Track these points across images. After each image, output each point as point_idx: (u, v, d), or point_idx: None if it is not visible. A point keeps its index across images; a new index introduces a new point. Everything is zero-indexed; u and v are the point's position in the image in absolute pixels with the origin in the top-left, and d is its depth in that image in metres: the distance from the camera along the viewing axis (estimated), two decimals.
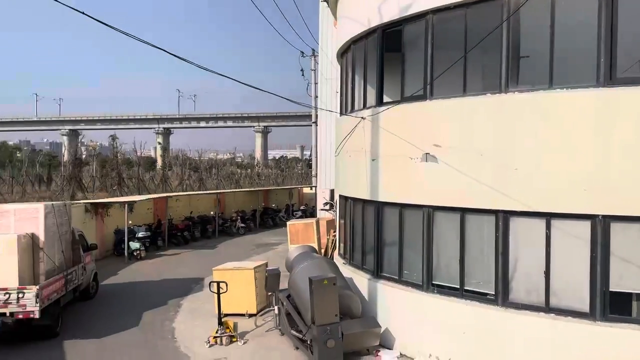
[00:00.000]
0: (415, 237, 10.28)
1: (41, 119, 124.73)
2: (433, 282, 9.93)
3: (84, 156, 44.06)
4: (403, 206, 10.51)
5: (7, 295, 10.65)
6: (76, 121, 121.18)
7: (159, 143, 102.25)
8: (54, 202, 13.16)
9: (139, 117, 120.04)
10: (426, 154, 9.84)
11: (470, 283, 9.45)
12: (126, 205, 22.17)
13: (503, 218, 8.88)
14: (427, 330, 9.81)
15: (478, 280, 9.45)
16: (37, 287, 10.89)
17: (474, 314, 9.12)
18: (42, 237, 11.75)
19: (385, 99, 11.23)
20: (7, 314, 10.70)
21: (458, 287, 9.51)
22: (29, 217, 11.83)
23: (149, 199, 25.99)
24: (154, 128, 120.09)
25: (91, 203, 22.15)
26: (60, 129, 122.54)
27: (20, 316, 10.75)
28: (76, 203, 22.33)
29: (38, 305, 10.74)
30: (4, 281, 10.74)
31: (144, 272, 19.24)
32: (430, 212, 9.95)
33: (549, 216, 8.42)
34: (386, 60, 11.14)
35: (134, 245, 21.52)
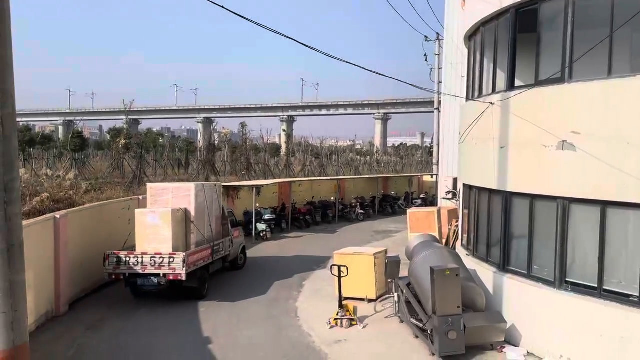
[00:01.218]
0: (547, 231, 9.65)
1: (180, 108, 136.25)
2: (567, 280, 9.27)
3: (216, 142, 47.23)
4: (534, 197, 9.90)
5: (162, 259, 12.53)
6: (210, 110, 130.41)
7: (284, 130, 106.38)
8: (204, 183, 15.32)
9: (265, 106, 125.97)
10: (563, 141, 9.16)
11: (610, 283, 8.68)
12: (254, 188, 23.42)
13: None
14: (558, 330, 9.20)
15: (619, 280, 8.64)
16: (185, 253, 12.60)
17: (614, 317, 8.37)
18: (193, 212, 13.66)
19: (517, 82, 10.61)
20: (161, 275, 12.56)
21: (596, 286, 8.78)
22: (183, 194, 13.76)
23: (274, 183, 27.19)
24: (279, 116, 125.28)
25: (223, 186, 23.76)
26: (196, 117, 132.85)
27: (171, 277, 12.55)
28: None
29: (184, 269, 12.44)
30: (159, 247, 12.71)
31: (271, 251, 20.29)
32: (565, 204, 9.26)
33: None
34: (518, 42, 10.51)
35: (261, 226, 22.76)
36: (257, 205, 23.58)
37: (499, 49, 11.08)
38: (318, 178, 37.44)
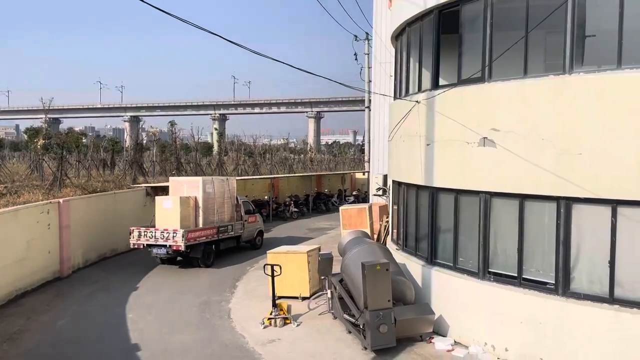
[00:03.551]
0: (471, 224, 10.06)
1: (105, 106, 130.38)
2: (489, 270, 9.71)
3: (144, 142, 45.60)
4: (459, 192, 10.30)
5: (168, 234, 16.37)
6: (137, 108, 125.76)
7: (215, 129, 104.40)
8: (213, 177, 20.09)
9: (196, 104, 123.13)
10: (484, 138, 9.57)
11: (529, 272, 9.18)
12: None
13: (565, 205, 8.54)
14: (482, 319, 9.62)
15: (537, 269, 9.16)
16: (184, 230, 16.23)
17: (533, 304, 8.86)
18: (200, 200, 17.45)
19: (441, 82, 10.97)
20: (168, 246, 16.33)
21: (516, 275, 9.26)
22: (194, 186, 17.67)
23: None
24: (211, 114, 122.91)
25: (151, 187, 22.98)
26: (122, 116, 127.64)
27: (174, 248, 16.26)
28: (137, 187, 23.28)
29: (184, 242, 16.16)
30: (170, 225, 16.48)
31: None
32: (487, 198, 9.69)
33: (615, 203, 8.02)
34: (442, 42, 10.87)
35: None
36: None
37: (424, 48, 11.41)
38: (251, 177, 37.09)
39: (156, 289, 14.80)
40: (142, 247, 16.83)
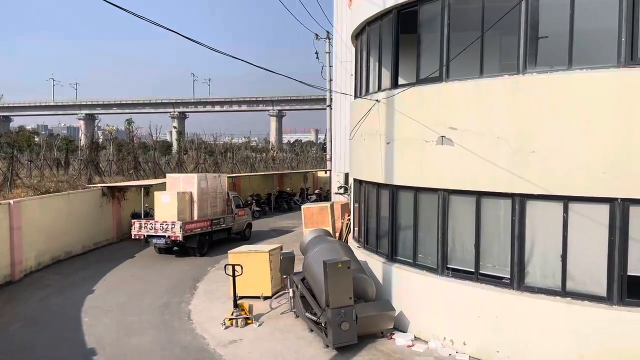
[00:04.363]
0: (430, 221, 10.23)
1: (58, 104, 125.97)
2: (448, 266, 9.90)
3: (100, 140, 44.39)
4: (418, 190, 10.45)
5: (167, 225, 17.97)
6: (92, 105, 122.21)
7: (175, 127, 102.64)
8: (206, 174, 21.86)
9: (154, 102, 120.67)
10: (442, 136, 9.74)
11: (486, 267, 9.41)
12: (142, 188, 22.34)
13: (520, 201, 8.79)
14: (441, 314, 9.80)
15: (493, 264, 9.39)
16: (181, 222, 17.87)
17: (489, 298, 9.09)
18: (195, 195, 18.99)
19: (401, 81, 11.10)
20: (166, 236, 17.97)
21: (473, 270, 9.47)
22: (189, 182, 19.23)
23: (165, 182, 26.11)
24: (170, 112, 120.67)
25: (108, 187, 22.37)
26: (77, 114, 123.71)
27: (172, 238, 17.92)
28: (93, 187, 22.62)
29: (182, 233, 17.82)
30: (168, 217, 18.06)
31: (163, 253, 19.46)
32: (445, 195, 9.87)
33: (566, 200, 8.30)
34: (401, 42, 10.99)
35: None
36: (147, 205, 22.52)
37: (384, 48, 11.52)
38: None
39: (113, 291, 14.42)
40: (142, 237, 18.50)
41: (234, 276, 11.90)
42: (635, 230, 7.88)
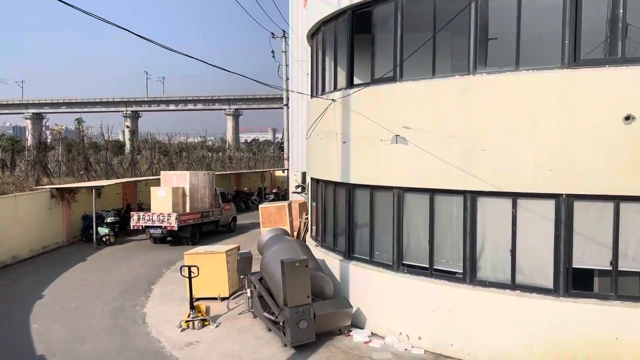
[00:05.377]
0: (386, 219, 10.38)
1: (3, 102, 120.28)
2: (403, 262, 10.08)
3: (49, 140, 42.81)
4: (374, 188, 10.59)
5: (163, 217, 20.21)
6: (40, 104, 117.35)
7: (127, 127, 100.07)
8: (197, 171, 24.35)
9: (105, 100, 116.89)
10: (396, 135, 9.90)
11: (440, 262, 9.63)
12: (93, 190, 21.70)
13: (471, 198, 9.04)
14: (397, 310, 9.97)
15: (447, 259, 9.63)
16: (177, 214, 20.18)
17: (443, 293, 9.31)
18: (187, 190, 21.38)
19: (356, 80, 11.21)
20: (163, 227, 20.28)
21: (427, 266, 9.68)
22: (182, 178, 21.66)
23: (117, 183, 25.47)
24: (122, 111, 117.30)
25: (57, 188, 21.59)
26: (23, 113, 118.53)
27: (168, 228, 20.25)
28: (41, 189, 21.78)
29: (177, 223, 20.15)
30: (164, 209, 20.33)
31: (114, 255, 18.96)
32: (400, 193, 10.05)
33: (515, 196, 8.61)
34: (356, 42, 11.10)
35: (103, 230, 21.13)
36: (98, 207, 21.89)
37: (339, 48, 11.60)
38: None
39: (64, 296, 13.93)
40: (140, 227, 20.83)
41: (190, 277, 11.72)
42: (580, 225, 8.26)
